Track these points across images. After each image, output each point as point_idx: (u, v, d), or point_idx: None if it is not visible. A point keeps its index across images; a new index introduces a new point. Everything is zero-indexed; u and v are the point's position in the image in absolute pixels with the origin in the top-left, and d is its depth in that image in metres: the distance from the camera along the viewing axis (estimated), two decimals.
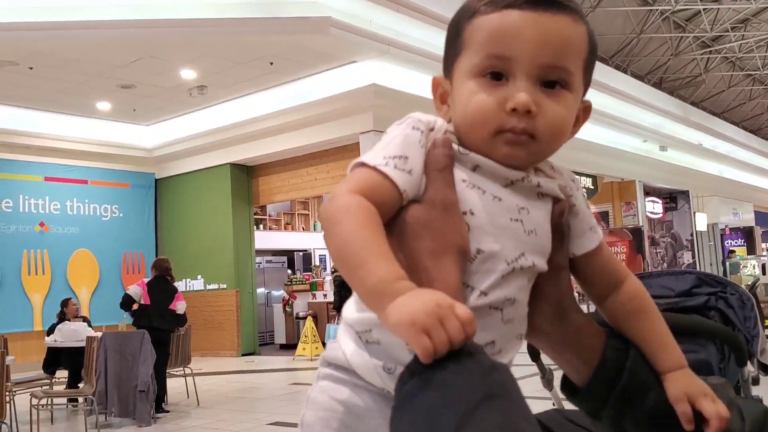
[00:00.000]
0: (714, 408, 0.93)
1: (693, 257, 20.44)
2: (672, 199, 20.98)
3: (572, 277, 1.04)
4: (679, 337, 1.86)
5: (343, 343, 0.98)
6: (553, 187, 0.99)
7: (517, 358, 1.06)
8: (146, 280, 8.40)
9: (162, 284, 8.32)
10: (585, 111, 1.02)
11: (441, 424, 0.70)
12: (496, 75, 0.92)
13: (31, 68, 10.46)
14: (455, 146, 0.95)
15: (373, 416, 0.94)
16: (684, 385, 0.97)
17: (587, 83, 1.00)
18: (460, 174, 0.93)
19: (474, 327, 0.77)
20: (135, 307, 8.20)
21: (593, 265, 1.04)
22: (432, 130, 0.95)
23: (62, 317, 9.49)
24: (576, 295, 1.05)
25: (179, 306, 8.36)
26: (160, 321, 8.07)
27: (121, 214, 14.47)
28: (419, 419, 0.73)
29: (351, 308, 0.99)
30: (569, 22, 0.93)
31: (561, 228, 0.99)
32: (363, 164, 0.92)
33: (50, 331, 9.12)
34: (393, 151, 0.92)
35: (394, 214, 0.91)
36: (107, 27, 9.38)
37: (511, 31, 0.91)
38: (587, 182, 17.53)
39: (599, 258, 1.04)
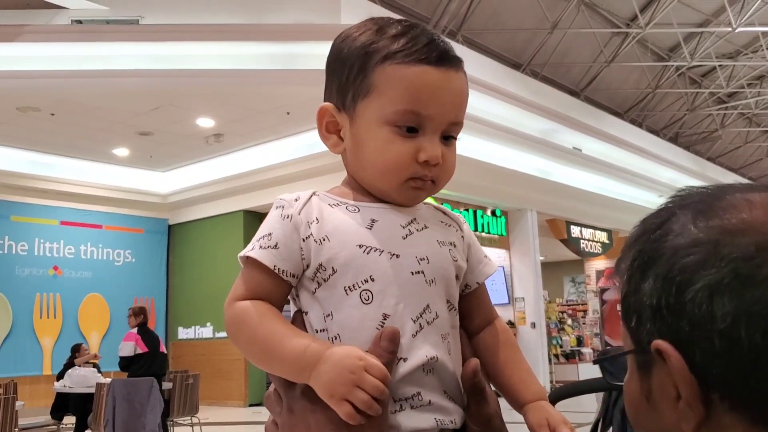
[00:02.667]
0: None
1: None
2: None
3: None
4: None
5: None
6: (448, 230, 1.06)
7: None
8: (134, 330, 8.37)
9: (149, 330, 8.47)
10: None
11: None
12: (411, 129, 0.98)
13: (52, 114, 10.66)
14: (345, 205, 1.00)
15: None
16: (545, 413, 0.99)
17: None
18: (356, 237, 0.96)
19: (388, 378, 0.86)
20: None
21: (479, 297, 1.09)
22: (297, 200, 1.00)
23: (71, 362, 9.45)
24: None
25: (163, 347, 8.53)
26: (158, 366, 8.11)
27: (133, 260, 14.53)
28: None
29: None
30: (464, 77, 1.02)
31: (478, 385, 0.99)
32: (242, 258, 1.00)
33: (60, 376, 9.08)
34: (259, 234, 1.00)
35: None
36: (129, 76, 9.58)
37: (429, 91, 0.97)
38: (602, 236, 17.43)
39: (484, 292, 1.10)
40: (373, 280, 0.94)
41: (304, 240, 0.96)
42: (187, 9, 9.89)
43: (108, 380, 8.29)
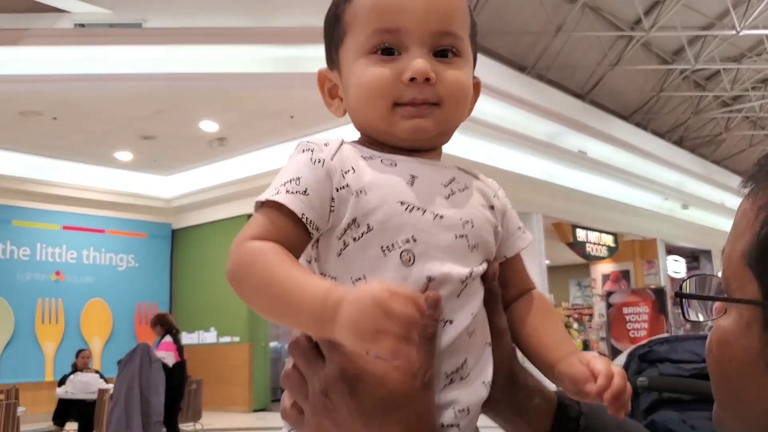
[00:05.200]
0: (606, 365, 0.84)
1: None
2: (694, 258, 20.69)
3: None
4: (707, 404, 1.72)
5: None
6: (486, 190, 0.96)
7: None
8: (167, 339, 8.29)
9: (178, 339, 8.37)
10: (476, 87, 0.98)
11: None
12: (387, 51, 0.87)
13: (55, 118, 10.63)
14: (380, 158, 0.89)
15: None
16: (577, 355, 0.88)
17: (475, 56, 0.96)
18: (397, 193, 0.85)
19: (424, 300, 0.74)
20: None
21: (515, 267, 0.99)
22: (326, 145, 0.89)
23: (75, 367, 9.43)
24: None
25: None
26: (186, 374, 8.12)
27: (136, 264, 14.47)
28: None
29: None
30: None
31: (495, 290, 0.93)
32: (258, 203, 0.86)
33: (62, 382, 9.03)
34: (284, 178, 0.86)
35: (355, 373, 0.79)
36: (132, 79, 9.55)
37: (395, 2, 0.86)
38: (608, 240, 17.34)
39: (519, 262, 1.00)
40: (415, 240, 0.84)
41: (337, 190, 0.85)
42: (190, 12, 9.85)
43: (111, 386, 8.23)
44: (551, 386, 0.98)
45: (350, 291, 0.72)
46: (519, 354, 0.98)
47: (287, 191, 0.84)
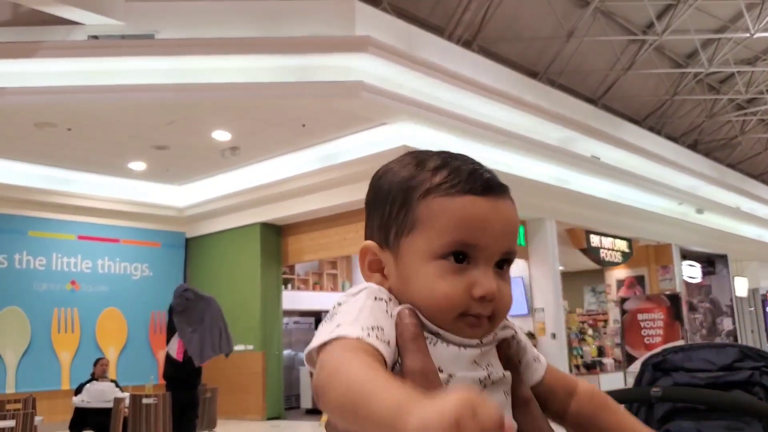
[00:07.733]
0: None
1: (733, 323, 19.84)
2: (710, 263, 20.49)
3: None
4: (722, 413, 1.71)
5: None
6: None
7: None
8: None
9: None
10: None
11: None
12: (459, 259, 0.93)
13: (69, 129, 10.71)
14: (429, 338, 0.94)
15: None
16: None
17: None
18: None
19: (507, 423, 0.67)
20: None
21: (545, 386, 1.05)
22: (390, 300, 0.94)
23: (93, 375, 9.49)
24: None
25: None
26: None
27: (151, 273, 14.54)
28: None
29: None
30: (512, 205, 0.98)
31: (513, 360, 1.01)
32: (341, 338, 0.85)
33: (78, 390, 9.09)
34: (368, 322, 0.88)
35: None
36: (144, 90, 9.61)
37: (478, 220, 0.93)
38: (622, 245, 17.25)
39: (548, 377, 1.06)
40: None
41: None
42: (202, 23, 9.92)
43: (126, 395, 8.27)
44: None
45: (427, 401, 0.68)
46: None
47: (377, 338, 0.87)
